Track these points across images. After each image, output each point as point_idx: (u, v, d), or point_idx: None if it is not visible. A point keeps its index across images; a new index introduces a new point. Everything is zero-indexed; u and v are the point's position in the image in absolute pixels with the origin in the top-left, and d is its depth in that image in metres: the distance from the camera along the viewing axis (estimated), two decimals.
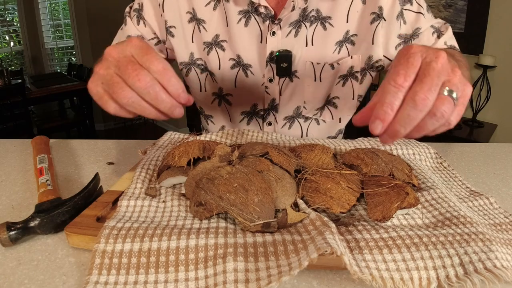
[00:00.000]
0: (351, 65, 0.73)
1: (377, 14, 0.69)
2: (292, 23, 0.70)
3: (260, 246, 0.37)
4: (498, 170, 0.62)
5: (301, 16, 0.69)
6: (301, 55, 0.72)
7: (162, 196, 0.47)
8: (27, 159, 0.66)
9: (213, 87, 0.80)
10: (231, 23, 0.71)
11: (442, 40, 0.72)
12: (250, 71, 0.74)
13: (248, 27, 0.71)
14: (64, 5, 4.24)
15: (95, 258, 0.36)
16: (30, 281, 0.36)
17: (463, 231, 0.39)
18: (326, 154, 0.53)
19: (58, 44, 4.32)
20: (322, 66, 0.73)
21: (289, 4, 0.66)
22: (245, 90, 0.77)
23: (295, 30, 0.70)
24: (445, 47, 0.72)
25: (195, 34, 0.75)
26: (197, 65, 0.78)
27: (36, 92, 3.14)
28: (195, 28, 0.74)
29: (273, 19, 0.69)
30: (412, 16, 0.70)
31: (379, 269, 0.34)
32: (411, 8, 0.70)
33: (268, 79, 0.74)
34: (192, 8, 0.73)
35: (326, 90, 0.77)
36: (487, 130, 2.30)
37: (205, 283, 0.34)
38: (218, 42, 0.74)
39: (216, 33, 0.73)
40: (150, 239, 0.37)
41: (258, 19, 0.70)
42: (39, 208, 0.44)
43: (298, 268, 0.32)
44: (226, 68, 0.75)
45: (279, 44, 0.71)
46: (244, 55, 0.73)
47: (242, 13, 0.70)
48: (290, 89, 0.76)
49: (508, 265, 0.34)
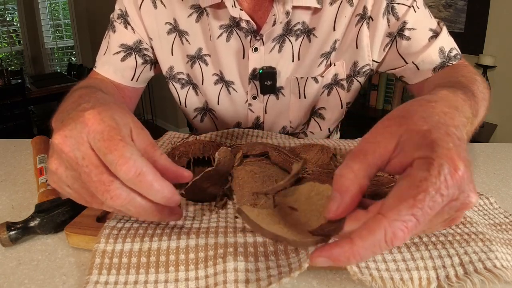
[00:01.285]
0: (334, 72, 0.69)
1: (361, 15, 0.65)
2: (276, 38, 0.66)
3: (260, 245, 0.37)
4: (498, 170, 0.62)
5: (285, 30, 0.66)
6: (286, 71, 0.69)
7: None
8: (27, 159, 0.66)
9: (196, 101, 0.76)
10: (214, 37, 0.68)
11: (436, 45, 0.63)
12: (233, 87, 0.71)
13: (230, 42, 0.67)
14: (64, 5, 4.24)
15: (95, 258, 0.36)
16: (30, 281, 0.36)
17: (463, 231, 0.39)
18: (326, 154, 0.53)
19: (58, 44, 4.33)
20: (305, 81, 0.69)
21: (271, 18, 0.63)
22: (228, 107, 0.74)
23: (279, 46, 0.67)
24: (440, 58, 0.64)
25: (175, 46, 0.70)
26: (177, 79, 0.73)
27: (36, 92, 3.14)
28: (175, 40, 0.70)
29: (256, 34, 0.65)
30: (403, 10, 0.63)
31: (379, 269, 0.34)
32: (405, 2, 0.63)
33: (252, 96, 0.71)
34: (173, 18, 0.68)
35: (309, 104, 0.72)
36: (487, 130, 2.30)
37: (205, 282, 0.34)
38: (201, 56, 0.70)
39: (199, 47, 0.69)
40: (150, 239, 0.37)
41: (240, 34, 0.66)
42: (39, 208, 0.44)
43: (299, 270, 0.32)
44: (210, 83, 0.72)
45: (262, 60, 0.67)
46: (226, 71, 0.70)
47: (223, 27, 0.66)
48: (275, 106, 0.72)
49: (508, 265, 0.35)
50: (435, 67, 0.64)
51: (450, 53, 0.65)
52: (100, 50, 0.72)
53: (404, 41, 0.64)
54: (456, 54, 0.65)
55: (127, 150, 0.29)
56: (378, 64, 0.70)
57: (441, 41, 0.64)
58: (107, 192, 0.29)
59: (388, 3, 0.63)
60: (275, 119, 0.74)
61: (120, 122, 0.31)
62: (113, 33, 0.70)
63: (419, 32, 0.64)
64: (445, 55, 0.64)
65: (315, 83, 0.69)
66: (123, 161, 0.28)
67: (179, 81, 0.74)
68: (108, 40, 0.71)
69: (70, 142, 0.29)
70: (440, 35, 0.64)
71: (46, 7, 4.12)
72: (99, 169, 0.29)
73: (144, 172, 0.29)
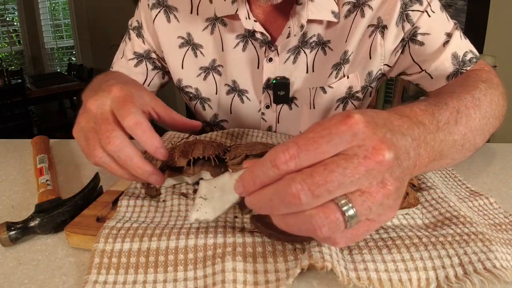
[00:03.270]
0: (348, 85, 0.68)
1: (375, 26, 0.64)
2: (291, 50, 0.67)
3: (259, 246, 0.37)
4: (498, 170, 0.62)
5: (301, 42, 0.66)
6: (299, 82, 0.69)
7: (162, 195, 0.48)
8: (27, 159, 0.66)
9: (204, 115, 0.78)
10: (227, 48, 0.69)
11: (449, 52, 0.61)
12: (247, 96, 0.72)
13: (245, 52, 0.69)
14: (64, 5, 4.24)
15: (94, 257, 0.36)
16: (30, 281, 0.36)
17: (462, 231, 0.39)
18: None
19: (58, 44, 4.32)
20: (315, 91, 0.69)
21: (286, 31, 0.64)
22: (241, 116, 0.75)
23: (294, 57, 0.67)
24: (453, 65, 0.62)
25: (187, 60, 0.72)
26: (185, 92, 0.76)
27: (36, 92, 3.15)
28: (187, 53, 0.72)
29: (270, 45, 0.66)
30: (417, 16, 0.62)
31: (377, 270, 0.34)
32: (419, 8, 0.62)
33: (265, 105, 0.72)
34: (187, 33, 0.71)
35: (322, 116, 0.72)
36: None
37: (204, 282, 0.34)
38: (215, 66, 0.72)
39: (213, 58, 0.71)
40: (149, 238, 0.37)
41: (255, 44, 0.68)
42: (39, 208, 0.45)
43: (292, 277, 0.32)
44: (222, 93, 0.73)
45: (276, 70, 0.68)
46: (240, 80, 0.71)
47: (240, 37, 0.68)
48: (288, 116, 0.73)
49: (507, 265, 0.34)
50: (449, 75, 0.62)
51: (465, 57, 0.62)
52: (118, 52, 0.78)
53: (417, 46, 0.63)
54: (471, 57, 0.63)
55: (132, 107, 0.39)
56: (389, 68, 0.69)
57: (453, 46, 0.62)
58: (107, 137, 0.38)
59: (402, 11, 0.62)
60: (287, 129, 0.75)
61: (135, 93, 0.42)
62: (129, 40, 0.76)
63: (433, 37, 0.62)
64: (459, 60, 0.62)
65: (323, 93, 0.69)
66: (128, 113, 0.39)
67: (187, 94, 0.77)
68: (125, 45, 0.77)
69: (96, 103, 0.40)
70: (452, 39, 0.62)
71: (46, 7, 4.12)
72: (109, 121, 0.39)
73: (142, 123, 0.39)
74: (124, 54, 0.76)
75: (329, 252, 0.34)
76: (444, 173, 0.57)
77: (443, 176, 0.57)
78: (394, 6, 0.62)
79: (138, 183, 0.50)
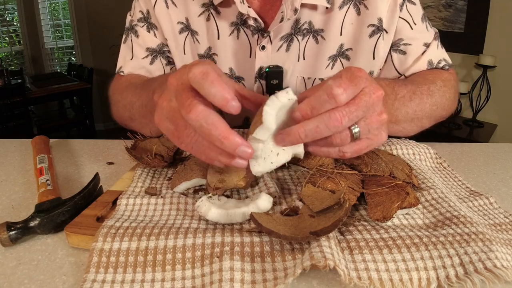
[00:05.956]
0: None
1: (376, 27, 0.65)
2: (284, 37, 0.66)
3: (257, 245, 0.37)
4: (498, 170, 0.62)
5: (293, 29, 0.66)
6: (293, 70, 0.69)
7: (162, 195, 0.47)
8: (27, 159, 0.66)
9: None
10: (222, 36, 0.68)
11: (425, 59, 0.67)
12: (243, 83, 0.71)
13: (238, 40, 0.68)
14: (64, 5, 4.24)
15: (93, 256, 0.36)
16: (30, 281, 0.36)
17: (463, 231, 0.39)
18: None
19: (58, 44, 4.32)
20: (312, 82, 0.69)
21: (279, 15, 0.63)
22: None
23: (287, 44, 0.67)
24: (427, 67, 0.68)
25: (187, 45, 0.72)
26: None
27: (36, 92, 3.14)
28: (187, 38, 0.71)
29: (263, 32, 0.66)
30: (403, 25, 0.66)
31: (378, 269, 0.34)
32: (406, 17, 0.66)
33: None
34: (185, 18, 0.70)
35: None
36: (487, 130, 2.30)
37: (202, 281, 0.34)
38: (211, 55, 0.71)
39: (208, 46, 0.70)
40: (147, 238, 0.37)
41: (247, 32, 0.67)
42: (39, 208, 0.44)
43: (292, 276, 0.32)
44: None
45: (269, 59, 0.67)
46: (235, 69, 0.71)
47: (233, 25, 0.67)
48: None
49: (508, 265, 0.34)
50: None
51: (439, 65, 0.68)
52: (122, 54, 0.74)
53: (399, 55, 0.68)
54: (444, 65, 0.68)
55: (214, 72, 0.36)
56: (379, 72, 0.72)
57: (429, 54, 0.67)
58: (188, 105, 0.35)
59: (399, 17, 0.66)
60: None
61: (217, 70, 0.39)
62: (136, 38, 0.72)
63: (414, 47, 0.67)
64: (433, 66, 0.68)
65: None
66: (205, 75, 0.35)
67: None
68: (131, 45, 0.73)
69: (176, 77, 0.38)
70: (429, 48, 0.68)
71: (46, 7, 4.12)
72: (189, 89, 0.36)
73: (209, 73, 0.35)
74: (134, 54, 0.72)
75: (330, 251, 0.34)
76: (444, 173, 0.57)
77: (443, 176, 0.57)
78: (393, 14, 0.65)
79: (139, 182, 0.49)
